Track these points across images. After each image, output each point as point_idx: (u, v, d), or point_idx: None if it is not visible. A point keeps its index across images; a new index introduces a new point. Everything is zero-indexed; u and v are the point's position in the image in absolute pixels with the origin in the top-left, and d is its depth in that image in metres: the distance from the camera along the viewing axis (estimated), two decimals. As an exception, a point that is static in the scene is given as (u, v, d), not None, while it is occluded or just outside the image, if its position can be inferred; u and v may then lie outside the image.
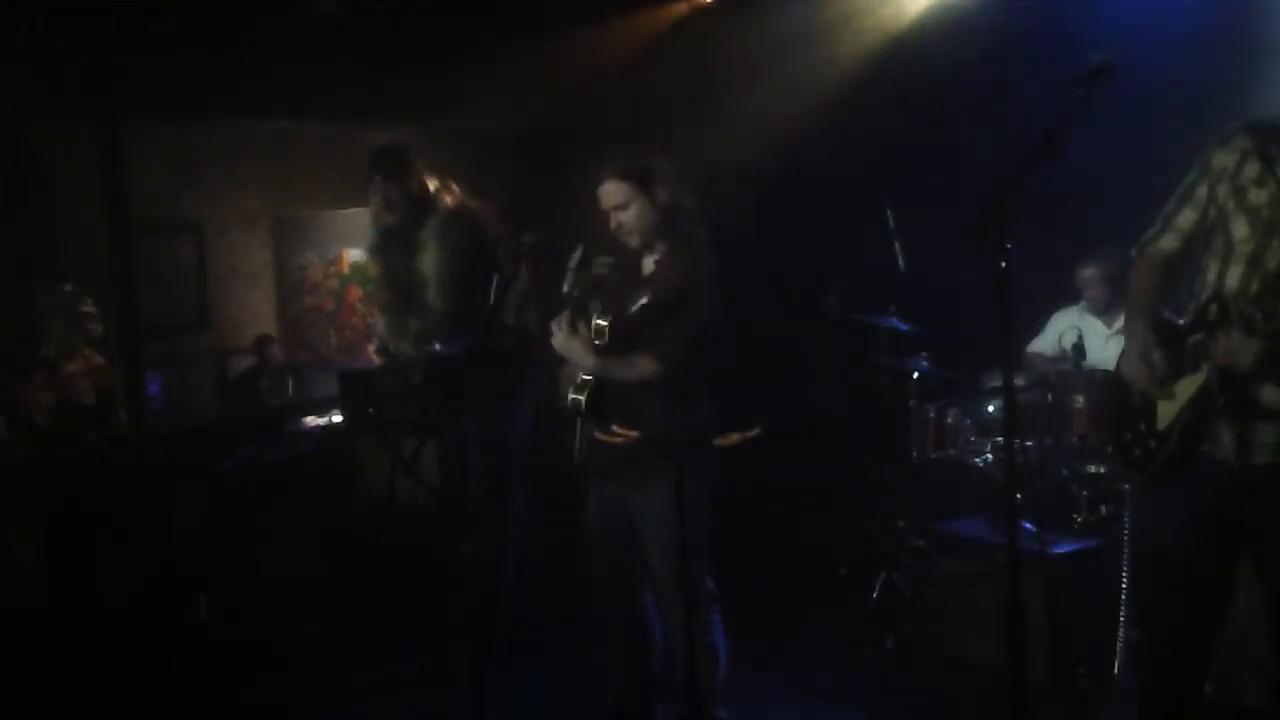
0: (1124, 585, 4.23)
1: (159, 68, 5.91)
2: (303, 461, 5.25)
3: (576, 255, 3.67)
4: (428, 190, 4.72)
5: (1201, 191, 2.91)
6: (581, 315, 3.59)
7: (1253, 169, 2.79)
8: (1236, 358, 2.69)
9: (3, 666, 4.24)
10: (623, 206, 3.58)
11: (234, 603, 4.80)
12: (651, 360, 3.52)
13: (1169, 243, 2.98)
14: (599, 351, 3.60)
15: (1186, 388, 2.83)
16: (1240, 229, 2.79)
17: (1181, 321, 2.95)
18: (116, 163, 6.48)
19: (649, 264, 3.68)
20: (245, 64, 5.97)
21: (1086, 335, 5.04)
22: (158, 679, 4.41)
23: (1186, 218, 2.95)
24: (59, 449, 4.62)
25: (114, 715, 4.32)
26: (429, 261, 4.64)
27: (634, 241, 3.65)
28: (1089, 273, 5.31)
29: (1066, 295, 5.54)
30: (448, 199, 4.74)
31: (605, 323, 3.61)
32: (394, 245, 4.75)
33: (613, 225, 3.62)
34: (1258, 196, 2.77)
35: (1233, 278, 2.79)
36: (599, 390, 3.62)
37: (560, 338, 3.61)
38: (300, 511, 5.08)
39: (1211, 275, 2.86)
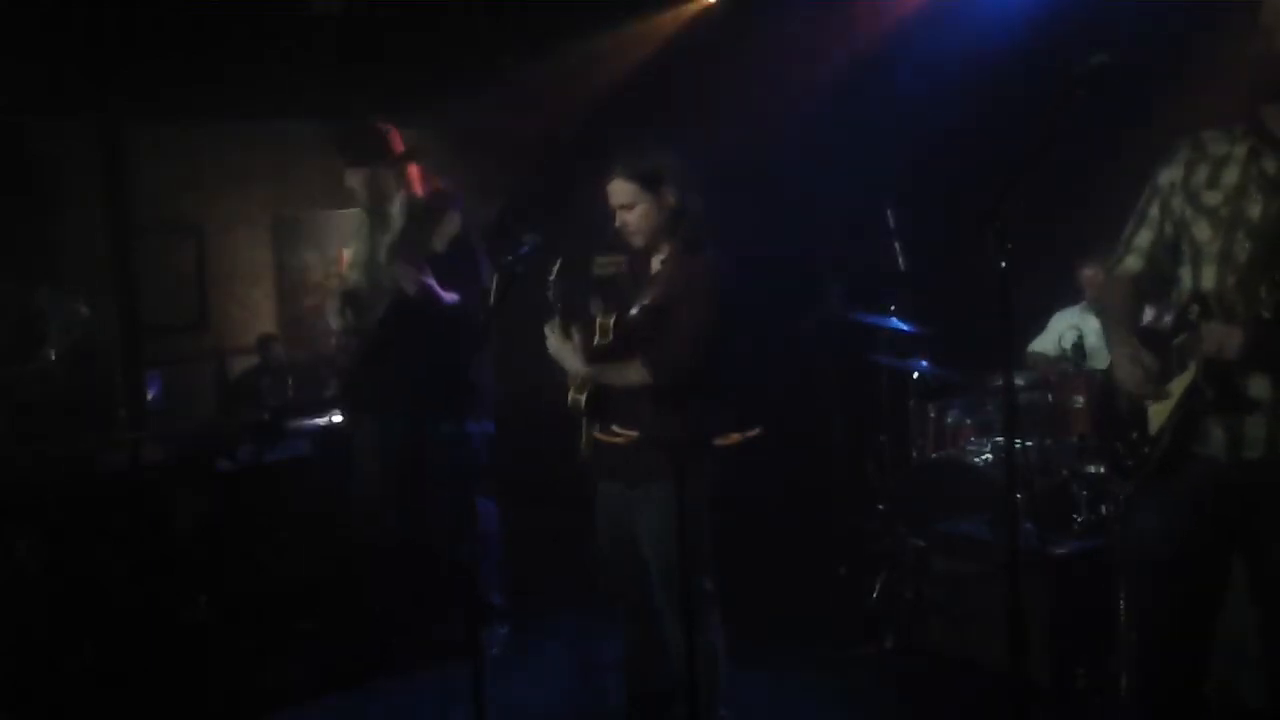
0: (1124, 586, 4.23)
1: (159, 68, 5.92)
2: (302, 461, 5.25)
3: (554, 268, 3.63)
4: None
5: (1154, 211, 2.96)
6: (573, 320, 3.59)
7: (1201, 174, 2.85)
8: (1221, 346, 2.71)
9: (3, 665, 4.25)
10: (628, 206, 3.58)
11: (234, 603, 4.80)
12: (642, 369, 3.51)
13: (1133, 264, 3.03)
14: (600, 351, 3.60)
15: (1176, 387, 2.85)
16: (1202, 231, 2.84)
17: (1164, 319, 2.98)
18: (116, 163, 6.49)
19: (656, 264, 3.69)
20: (245, 64, 5.97)
21: (1087, 335, 5.04)
22: (158, 678, 4.42)
23: (1143, 238, 3.00)
24: (59, 449, 4.63)
25: (114, 714, 4.33)
26: (412, 245, 4.44)
27: (638, 242, 3.64)
28: (1091, 272, 5.31)
29: (1067, 295, 5.54)
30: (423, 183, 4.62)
31: (610, 320, 3.62)
32: (377, 228, 4.63)
33: (617, 223, 3.62)
34: (1212, 197, 2.82)
35: (1207, 278, 2.83)
36: (599, 390, 3.62)
37: (552, 342, 3.62)
38: (300, 511, 5.08)
39: (1186, 281, 2.90)
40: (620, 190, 3.57)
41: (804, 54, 6.30)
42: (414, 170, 4.59)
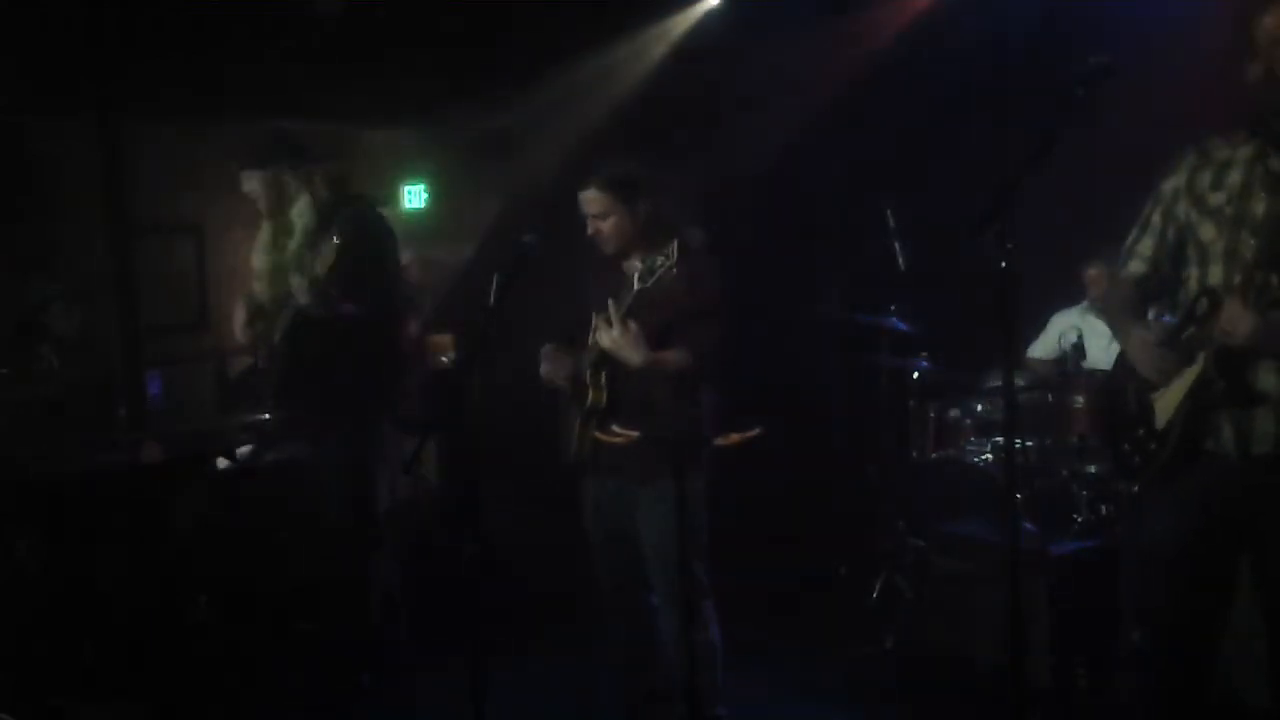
0: (1123, 586, 4.23)
1: (159, 68, 5.91)
2: (303, 462, 5.24)
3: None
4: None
5: (1156, 219, 3.00)
6: (633, 314, 3.53)
7: (1205, 177, 2.89)
8: (1235, 326, 2.71)
9: (3, 665, 4.24)
10: (601, 216, 3.59)
11: (234, 603, 4.79)
12: (687, 356, 3.53)
13: (1136, 268, 3.07)
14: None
15: (1185, 380, 2.85)
16: (1208, 231, 2.86)
17: (1168, 319, 2.99)
18: (116, 163, 6.48)
19: (631, 265, 3.66)
20: (245, 64, 5.96)
21: (1087, 335, 5.05)
22: (157, 678, 4.41)
23: (1146, 245, 3.04)
24: (59, 448, 4.62)
25: (113, 714, 4.32)
26: (315, 253, 4.20)
27: (609, 250, 3.66)
28: (1095, 272, 5.31)
29: (1067, 295, 5.54)
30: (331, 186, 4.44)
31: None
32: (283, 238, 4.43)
33: (590, 231, 3.64)
34: (1216, 198, 2.85)
35: (1214, 276, 2.85)
36: (617, 390, 3.61)
37: (611, 333, 3.48)
38: (300, 511, 5.07)
39: (1193, 282, 2.91)
40: (594, 200, 3.59)
41: (805, 53, 6.30)
42: (319, 173, 4.37)
